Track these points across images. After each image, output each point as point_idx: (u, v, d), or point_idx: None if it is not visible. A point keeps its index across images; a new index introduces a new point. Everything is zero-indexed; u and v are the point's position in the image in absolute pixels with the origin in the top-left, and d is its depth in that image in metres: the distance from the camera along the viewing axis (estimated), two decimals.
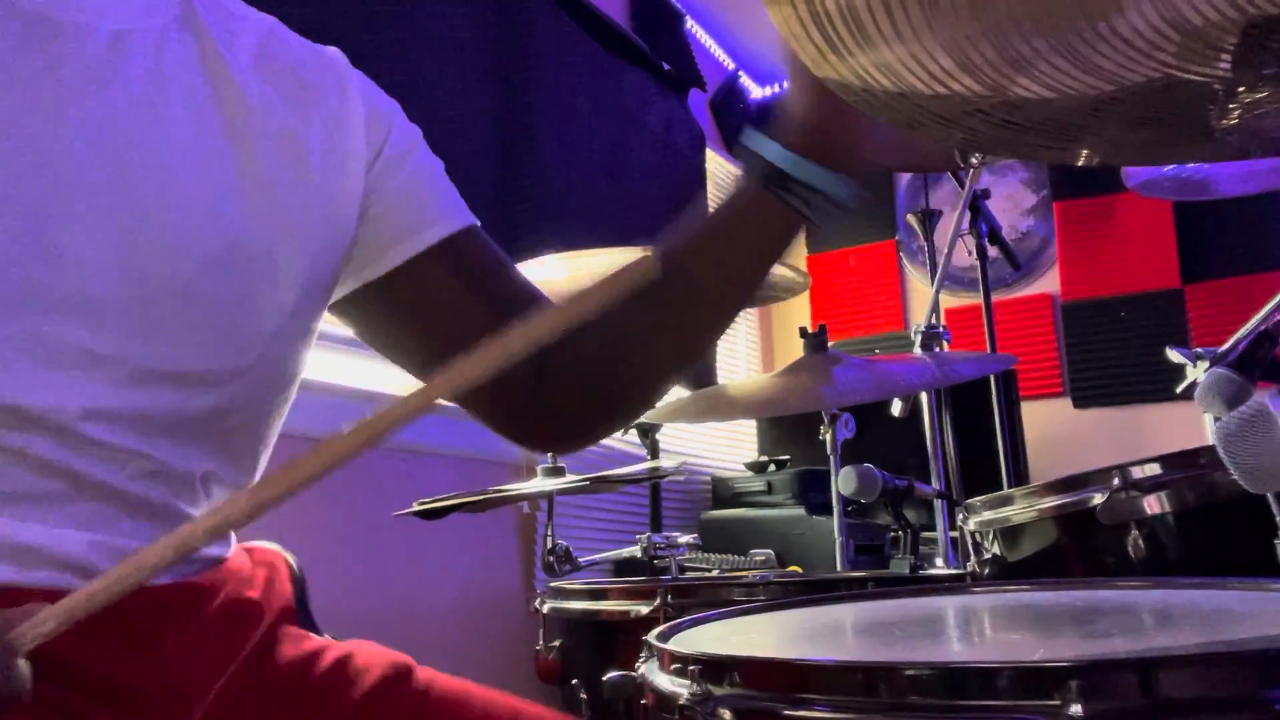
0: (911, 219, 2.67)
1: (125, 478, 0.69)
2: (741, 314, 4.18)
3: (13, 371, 0.63)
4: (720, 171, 4.16)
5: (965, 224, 2.31)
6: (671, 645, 0.71)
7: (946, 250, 2.13)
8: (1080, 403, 3.65)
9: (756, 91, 4.45)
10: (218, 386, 0.73)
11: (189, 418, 0.71)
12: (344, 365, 2.24)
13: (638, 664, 0.73)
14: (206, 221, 0.71)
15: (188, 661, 0.73)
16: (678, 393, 3.20)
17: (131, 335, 0.67)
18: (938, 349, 1.95)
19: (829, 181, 0.74)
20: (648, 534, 1.63)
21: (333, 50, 0.87)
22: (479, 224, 0.89)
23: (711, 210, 0.82)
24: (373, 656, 0.84)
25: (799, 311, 4.11)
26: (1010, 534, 1.28)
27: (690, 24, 3.92)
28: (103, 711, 0.68)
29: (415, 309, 0.86)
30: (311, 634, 0.86)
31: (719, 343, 3.76)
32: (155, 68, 0.72)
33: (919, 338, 1.94)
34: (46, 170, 0.65)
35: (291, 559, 0.91)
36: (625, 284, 0.57)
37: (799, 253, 4.25)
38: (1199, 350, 1.29)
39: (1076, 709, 0.48)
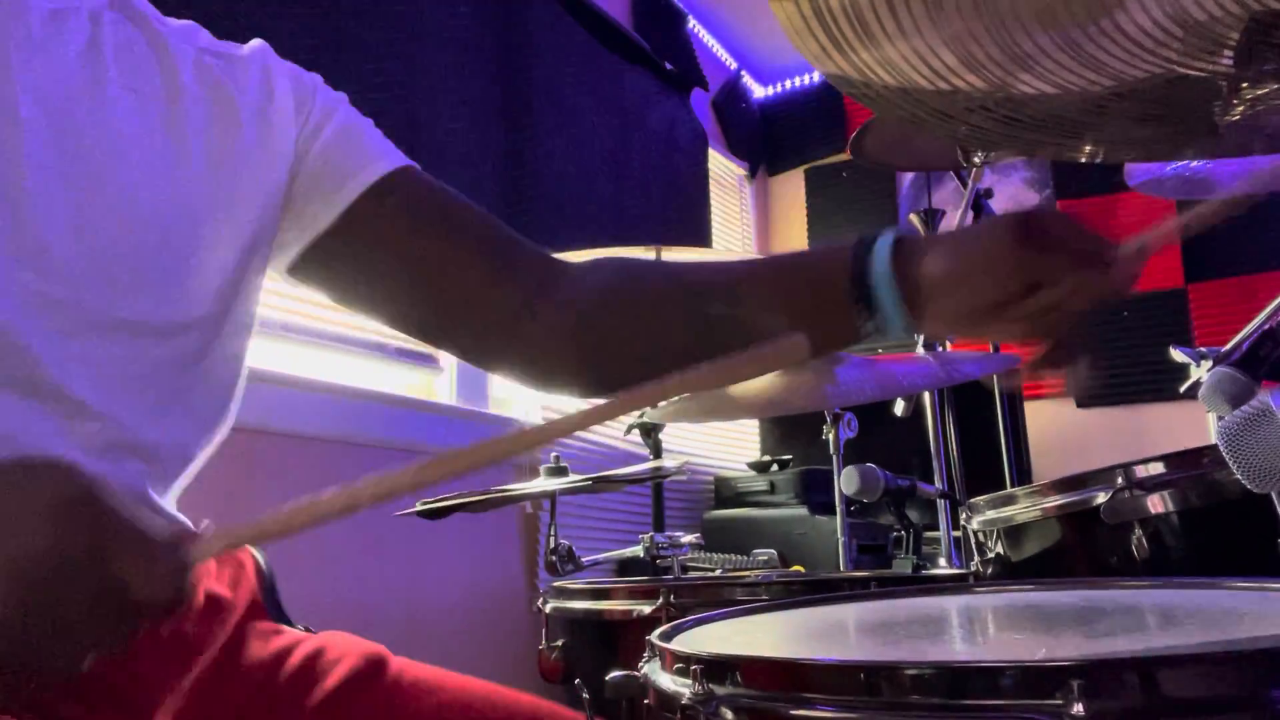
0: (914, 218, 2.66)
1: (89, 450, 0.69)
2: None
3: None
4: (721, 171, 4.16)
5: (968, 223, 2.30)
6: (674, 645, 0.70)
7: None
8: (1083, 402, 3.65)
9: (759, 91, 4.45)
10: (167, 339, 0.75)
11: (143, 370, 0.73)
12: (343, 365, 2.24)
13: (640, 664, 0.73)
14: (147, 179, 0.75)
15: (157, 657, 0.73)
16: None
17: (83, 281, 0.70)
18: (941, 348, 1.94)
19: (902, 327, 0.73)
20: (650, 533, 1.63)
21: (254, 40, 0.90)
22: (416, 165, 0.90)
23: (791, 262, 0.82)
24: (344, 648, 0.84)
25: None
26: (1013, 533, 1.28)
27: (692, 23, 3.92)
28: (72, 707, 0.68)
29: (371, 252, 0.86)
30: (284, 627, 0.86)
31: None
32: (93, 42, 0.76)
33: (922, 337, 1.94)
34: None
35: (259, 555, 0.91)
36: (773, 363, 0.57)
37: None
38: (1202, 350, 1.29)
39: (1079, 708, 0.48)
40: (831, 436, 1.73)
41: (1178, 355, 1.30)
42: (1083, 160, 0.63)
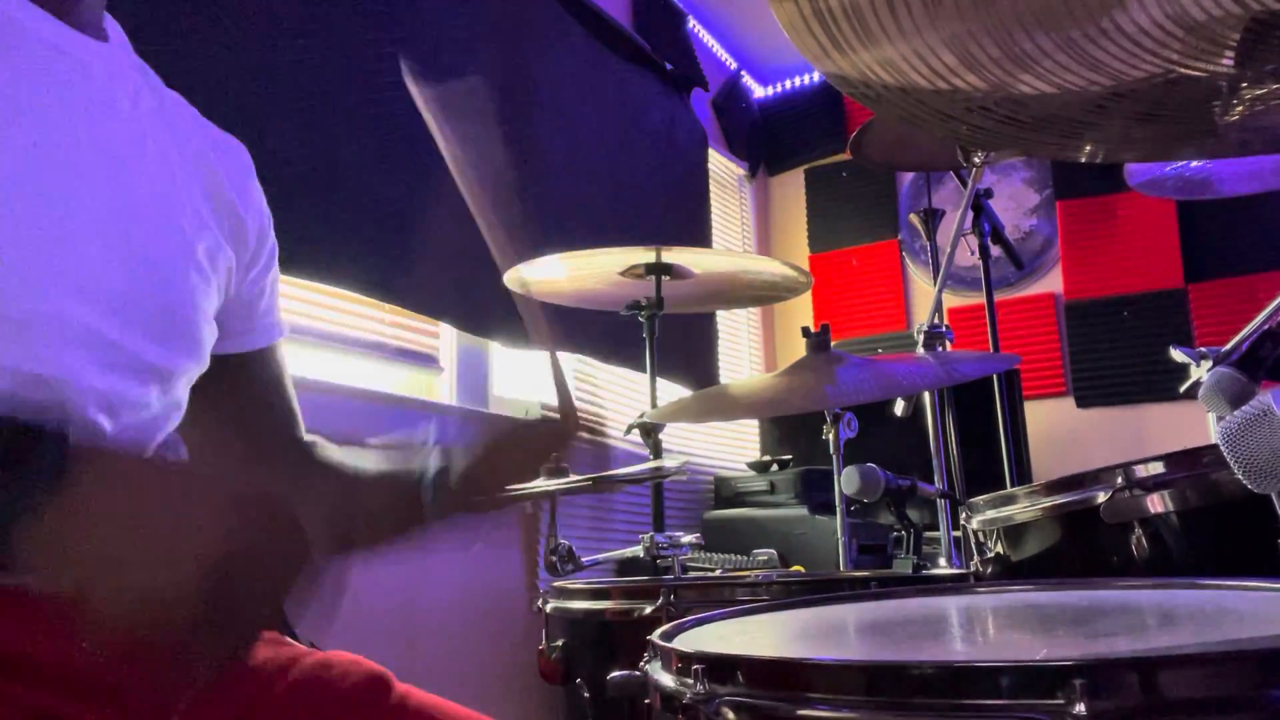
0: (914, 218, 2.67)
1: None
2: (744, 314, 4.18)
3: (46, 343, 0.70)
4: (721, 171, 4.16)
5: (968, 223, 2.30)
6: (675, 644, 0.71)
7: (949, 250, 2.13)
8: (1083, 402, 3.65)
9: (759, 91, 4.45)
10: (171, 388, 0.81)
11: (151, 413, 0.79)
12: (343, 365, 2.24)
13: (641, 663, 0.73)
14: (175, 239, 0.82)
15: (170, 662, 0.73)
16: (680, 392, 3.20)
17: (126, 324, 0.75)
18: (940, 348, 1.94)
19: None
20: (650, 533, 1.63)
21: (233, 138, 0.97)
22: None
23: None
24: (349, 667, 0.84)
25: (801, 311, 4.11)
26: (1013, 533, 1.28)
27: (692, 23, 3.92)
28: (85, 712, 0.68)
29: (218, 394, 0.91)
30: (288, 639, 0.86)
31: (720, 343, 3.74)
32: (134, 111, 0.82)
33: (922, 337, 1.94)
34: (63, 175, 0.73)
35: None
36: None
37: (801, 252, 4.25)
38: (1202, 349, 1.28)
39: (1080, 708, 0.48)
40: (831, 436, 1.73)
41: (1178, 355, 1.30)
42: (1082, 160, 0.63)
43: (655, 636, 0.75)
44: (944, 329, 1.96)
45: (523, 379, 2.77)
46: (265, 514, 0.58)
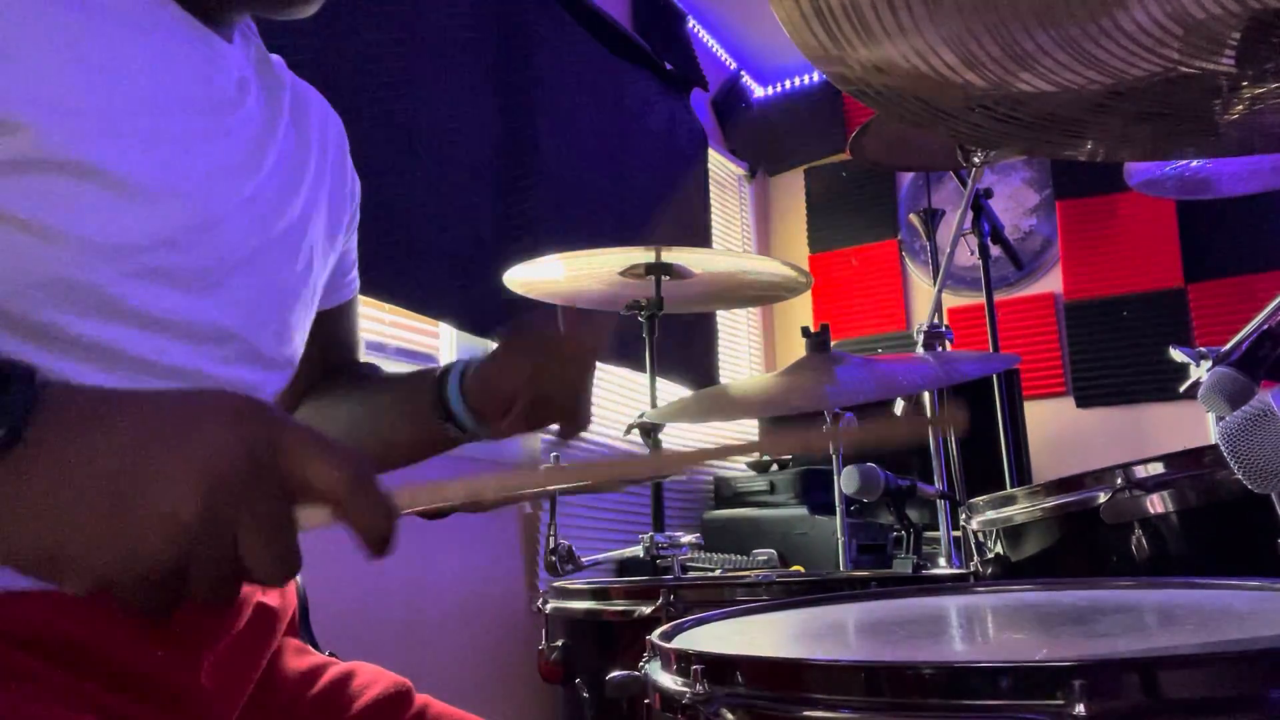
0: (914, 218, 2.67)
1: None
2: (744, 314, 4.18)
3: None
4: (721, 171, 4.16)
5: (968, 223, 2.30)
6: (675, 645, 0.70)
7: (949, 250, 2.13)
8: (1083, 402, 3.64)
9: (759, 91, 4.45)
10: (282, 373, 0.86)
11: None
12: None
13: (641, 663, 0.73)
14: (294, 232, 0.85)
15: (230, 666, 0.74)
16: (680, 392, 3.20)
17: (248, 318, 0.80)
18: (940, 348, 1.94)
19: (475, 428, 0.92)
20: (650, 533, 1.63)
21: (331, 111, 1.01)
22: None
23: (408, 383, 0.97)
24: (372, 676, 0.85)
25: (801, 311, 4.11)
26: (1013, 534, 1.28)
27: (692, 23, 3.92)
28: (150, 712, 0.68)
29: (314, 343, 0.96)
30: (312, 649, 0.87)
31: (720, 343, 3.73)
32: (253, 111, 0.84)
33: (921, 337, 1.94)
34: (221, 166, 0.77)
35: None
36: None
37: (801, 252, 4.25)
38: (1202, 349, 1.28)
39: (1080, 708, 0.48)
40: None
41: (1177, 355, 1.30)
42: (1082, 158, 0.63)
43: (655, 637, 0.74)
44: (944, 329, 1.96)
45: None
46: (267, 421, 0.56)
